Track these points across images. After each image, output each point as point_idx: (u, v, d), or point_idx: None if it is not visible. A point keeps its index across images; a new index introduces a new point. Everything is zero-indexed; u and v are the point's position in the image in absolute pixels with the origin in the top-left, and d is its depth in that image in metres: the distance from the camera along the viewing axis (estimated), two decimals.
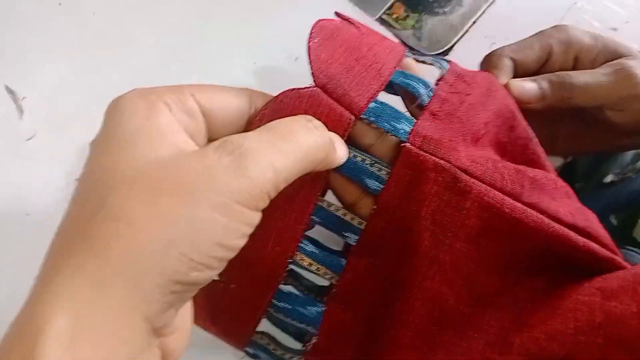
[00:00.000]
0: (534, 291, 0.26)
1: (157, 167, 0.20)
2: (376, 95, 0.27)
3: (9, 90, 0.48)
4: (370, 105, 0.26)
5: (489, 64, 0.36)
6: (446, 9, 0.50)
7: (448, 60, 0.32)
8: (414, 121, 0.27)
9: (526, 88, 0.34)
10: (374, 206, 0.27)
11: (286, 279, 0.27)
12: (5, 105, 0.47)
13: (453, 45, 0.49)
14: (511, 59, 0.36)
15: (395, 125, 0.26)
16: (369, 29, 0.31)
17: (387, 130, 0.26)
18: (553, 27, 0.37)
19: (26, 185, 0.45)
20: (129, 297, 0.18)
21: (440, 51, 0.49)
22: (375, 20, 0.50)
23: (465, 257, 0.26)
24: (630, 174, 0.39)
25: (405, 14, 0.50)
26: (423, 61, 0.32)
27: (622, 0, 0.50)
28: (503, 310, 0.26)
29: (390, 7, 0.51)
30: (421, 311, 0.27)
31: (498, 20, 0.50)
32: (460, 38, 0.49)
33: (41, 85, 0.48)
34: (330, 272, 0.28)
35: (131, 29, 0.50)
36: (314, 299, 0.28)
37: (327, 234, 0.28)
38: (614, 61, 0.35)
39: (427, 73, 0.30)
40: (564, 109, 0.35)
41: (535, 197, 0.26)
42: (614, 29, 0.49)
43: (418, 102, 0.28)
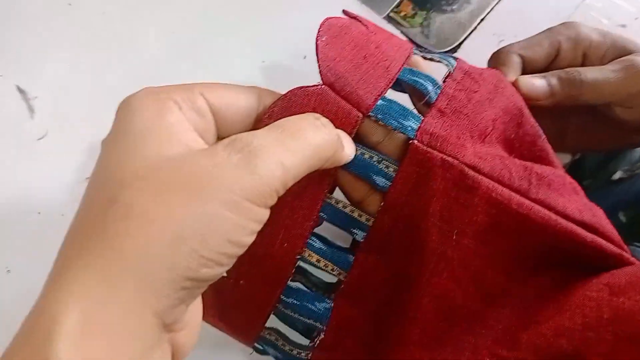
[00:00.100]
0: (542, 287, 0.26)
1: (167, 165, 0.20)
2: (384, 93, 0.27)
3: (20, 90, 0.48)
4: (378, 102, 0.26)
5: (497, 61, 0.36)
6: (454, 7, 0.50)
7: (456, 57, 0.32)
8: (422, 118, 0.27)
9: (535, 85, 0.34)
10: (382, 203, 0.27)
11: (294, 276, 0.28)
12: (16, 105, 0.48)
13: (461, 43, 0.49)
14: (519, 56, 0.36)
15: (403, 122, 0.26)
16: (377, 27, 0.31)
17: (395, 127, 0.26)
18: (561, 24, 0.37)
19: (37, 184, 0.45)
20: (140, 293, 0.18)
21: (448, 49, 0.49)
22: (383, 18, 0.50)
23: (473, 254, 0.26)
24: (639, 171, 0.39)
25: (413, 12, 0.50)
26: (431, 58, 0.32)
27: None
28: (511, 306, 0.26)
29: (398, 5, 0.51)
30: (429, 308, 0.27)
31: (506, 18, 0.49)
32: (468, 35, 0.49)
33: (52, 84, 0.48)
34: (338, 269, 0.28)
35: (141, 28, 0.50)
36: (322, 295, 0.29)
37: (335, 230, 0.28)
38: (623, 58, 0.35)
39: (435, 70, 0.30)
40: (573, 105, 0.35)
41: (543, 194, 0.26)
42: (623, 25, 0.49)
43: (426, 100, 0.28)
